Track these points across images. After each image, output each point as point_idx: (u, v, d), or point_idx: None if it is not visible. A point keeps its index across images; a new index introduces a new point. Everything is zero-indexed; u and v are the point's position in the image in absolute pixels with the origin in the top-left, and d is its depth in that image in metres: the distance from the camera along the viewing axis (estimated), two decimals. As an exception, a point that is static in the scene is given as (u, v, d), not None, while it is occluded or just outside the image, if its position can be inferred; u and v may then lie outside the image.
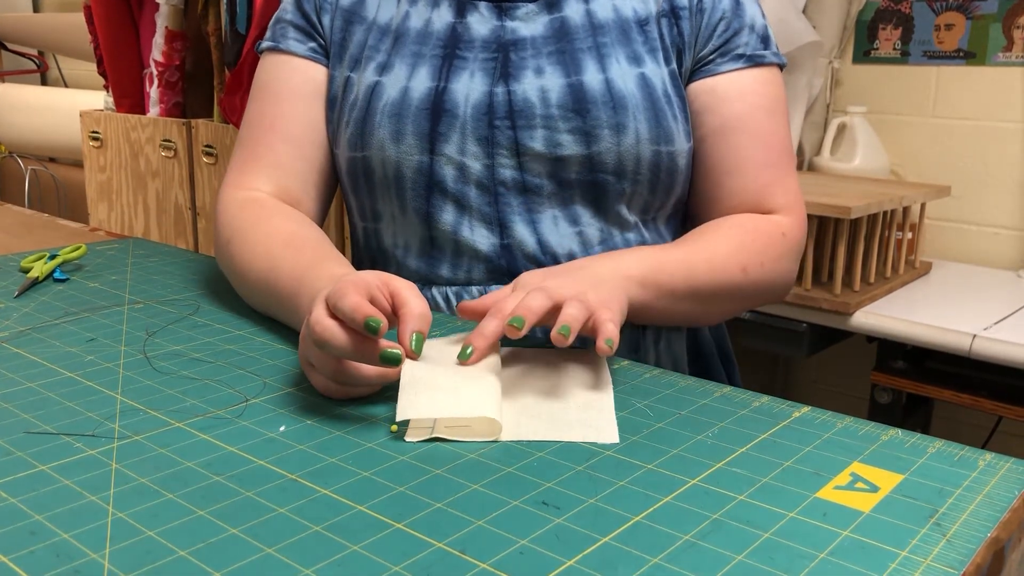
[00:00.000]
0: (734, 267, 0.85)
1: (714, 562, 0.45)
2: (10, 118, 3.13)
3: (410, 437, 0.59)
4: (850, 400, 2.08)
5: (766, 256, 0.87)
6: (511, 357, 0.73)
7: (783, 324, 1.59)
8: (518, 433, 0.60)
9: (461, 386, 0.62)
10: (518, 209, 0.88)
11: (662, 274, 0.80)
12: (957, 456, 0.57)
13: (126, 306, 0.87)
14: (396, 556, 0.46)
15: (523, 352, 0.74)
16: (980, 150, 1.87)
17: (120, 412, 0.62)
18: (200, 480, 0.53)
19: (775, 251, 0.88)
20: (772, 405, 0.65)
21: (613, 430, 0.60)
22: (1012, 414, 1.43)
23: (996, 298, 1.61)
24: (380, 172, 0.89)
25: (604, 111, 0.85)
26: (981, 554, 0.46)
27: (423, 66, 0.89)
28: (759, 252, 0.86)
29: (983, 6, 1.83)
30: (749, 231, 0.87)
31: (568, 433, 0.60)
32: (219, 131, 1.89)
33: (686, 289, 0.82)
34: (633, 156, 0.86)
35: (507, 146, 0.86)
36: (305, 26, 0.95)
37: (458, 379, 0.62)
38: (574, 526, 0.49)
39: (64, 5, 3.55)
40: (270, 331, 0.80)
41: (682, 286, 0.82)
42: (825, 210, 1.49)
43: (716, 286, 0.84)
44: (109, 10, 2.00)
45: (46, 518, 0.49)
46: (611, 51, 0.87)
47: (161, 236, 2.05)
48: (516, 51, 0.88)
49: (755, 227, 0.88)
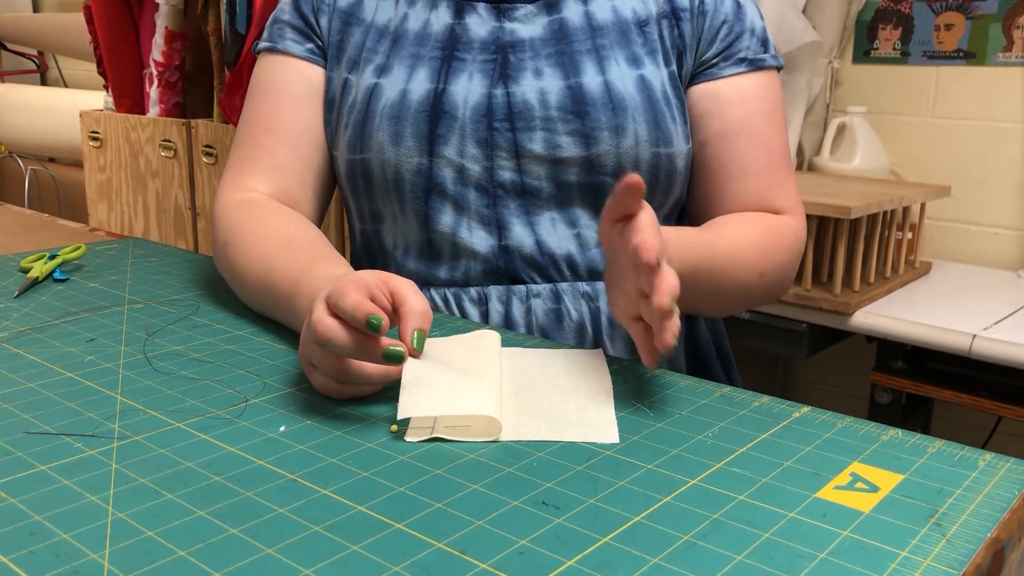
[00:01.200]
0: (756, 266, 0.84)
1: (714, 562, 0.45)
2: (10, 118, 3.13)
3: (410, 437, 0.59)
4: (850, 400, 2.08)
5: (781, 259, 0.88)
6: (511, 357, 0.73)
7: (783, 324, 1.59)
8: (518, 433, 0.60)
9: (462, 385, 0.62)
10: (516, 211, 0.88)
11: (689, 253, 0.77)
12: (957, 456, 0.57)
13: (126, 306, 0.87)
14: (396, 556, 0.46)
15: (523, 352, 0.74)
16: (980, 150, 1.87)
17: (120, 412, 0.62)
18: (200, 480, 0.53)
19: (788, 253, 0.89)
20: (772, 405, 0.65)
21: (613, 430, 0.60)
22: (1012, 414, 1.43)
23: (996, 298, 1.61)
24: (379, 175, 0.89)
25: (603, 113, 0.85)
26: (981, 554, 0.46)
27: (422, 68, 0.89)
28: (775, 254, 0.87)
29: (983, 6, 1.82)
30: (768, 229, 0.88)
31: (568, 433, 0.60)
32: (219, 131, 1.89)
33: (719, 281, 0.81)
34: (632, 158, 0.86)
35: (506, 148, 0.86)
36: (302, 27, 0.95)
37: (459, 378, 0.62)
38: (574, 526, 0.49)
39: (64, 5, 3.55)
40: (270, 331, 0.80)
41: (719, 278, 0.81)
42: (825, 210, 1.49)
43: (736, 281, 0.84)
44: (109, 10, 2.00)
45: (46, 518, 0.49)
46: (610, 53, 0.87)
47: (161, 236, 2.05)
48: (515, 53, 0.88)
49: (773, 226, 0.88)
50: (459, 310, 0.89)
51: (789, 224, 0.90)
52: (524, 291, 0.88)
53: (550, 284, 0.88)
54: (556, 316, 0.88)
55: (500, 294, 0.88)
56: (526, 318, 0.88)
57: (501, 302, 0.88)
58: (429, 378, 0.62)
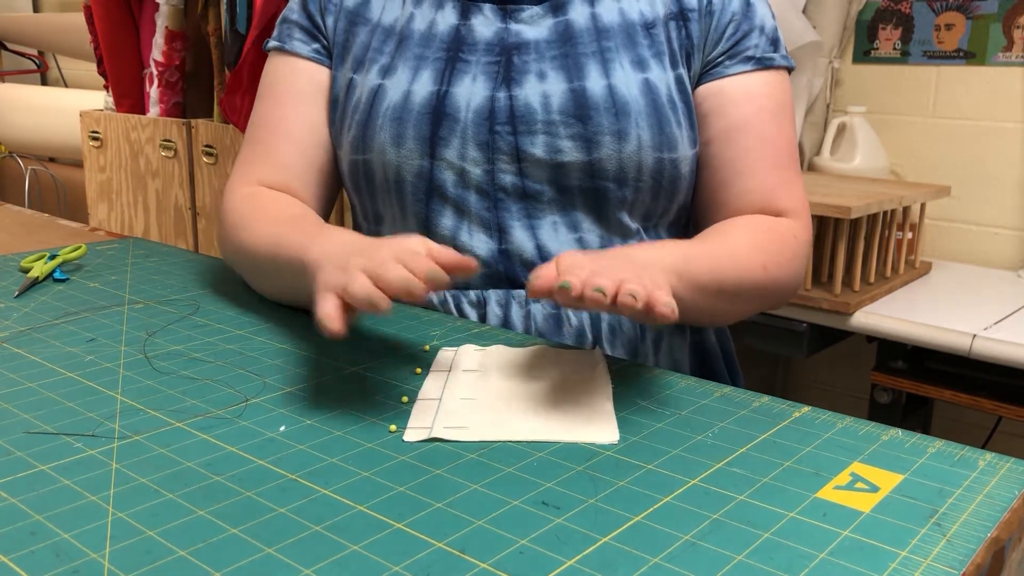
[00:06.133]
0: (756, 265, 0.82)
1: (714, 562, 0.45)
2: (10, 118, 3.13)
3: (409, 437, 0.59)
4: (850, 400, 2.08)
5: (783, 256, 0.85)
6: (510, 357, 0.73)
7: (783, 324, 1.59)
8: (518, 434, 0.60)
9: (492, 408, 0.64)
10: (517, 215, 0.87)
11: (693, 268, 0.77)
12: (957, 456, 0.57)
13: (126, 306, 0.87)
14: (396, 556, 0.46)
15: (522, 352, 0.74)
16: (980, 150, 1.87)
17: (120, 412, 0.62)
18: (200, 480, 0.53)
19: (789, 252, 0.86)
20: (772, 405, 0.65)
21: (613, 430, 0.60)
22: (1012, 414, 1.43)
23: (996, 298, 1.61)
24: (381, 176, 0.89)
25: (606, 117, 0.84)
26: (981, 554, 0.46)
27: (426, 69, 0.88)
28: (776, 252, 0.84)
29: (983, 6, 1.82)
30: (765, 231, 0.86)
31: (568, 434, 0.60)
32: (219, 131, 1.89)
33: (713, 284, 0.79)
34: (635, 163, 0.85)
35: (507, 151, 0.86)
36: (309, 27, 0.95)
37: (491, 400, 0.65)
38: (574, 526, 0.49)
39: (64, 5, 3.55)
40: (270, 331, 0.80)
41: (710, 281, 0.78)
42: (825, 210, 1.49)
43: (740, 282, 0.82)
44: (109, 10, 2.00)
45: (46, 518, 0.49)
46: (615, 56, 0.87)
47: (161, 236, 2.05)
48: (519, 54, 0.87)
49: (770, 227, 0.86)
50: (457, 311, 0.89)
51: (788, 225, 0.87)
52: (523, 295, 0.88)
53: None
54: (555, 321, 0.87)
55: (499, 298, 0.88)
56: (525, 322, 0.88)
57: (500, 305, 0.88)
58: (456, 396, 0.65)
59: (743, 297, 0.83)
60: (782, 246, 0.86)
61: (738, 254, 0.82)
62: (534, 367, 0.71)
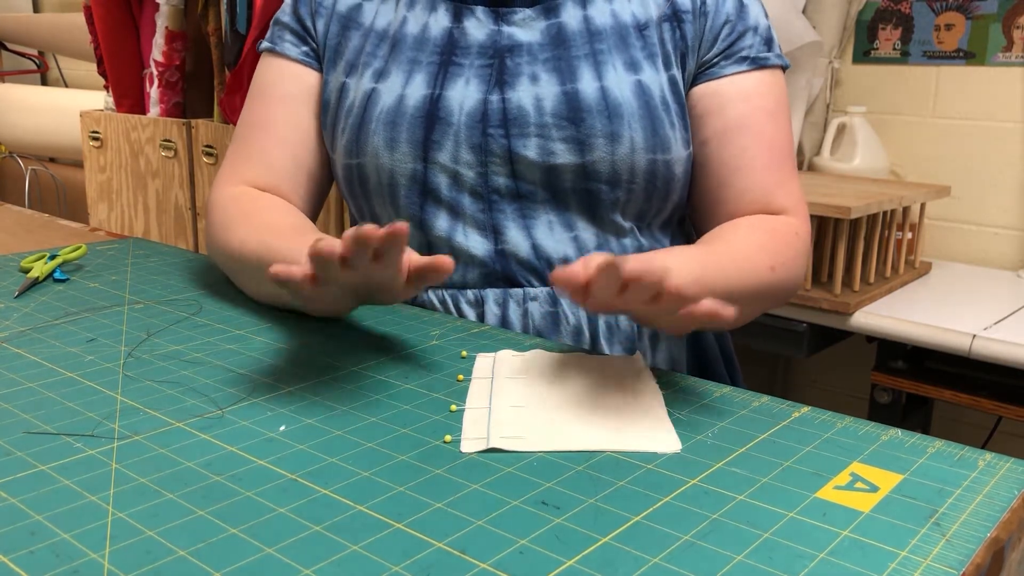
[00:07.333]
0: (764, 267, 0.82)
1: (714, 562, 0.45)
2: (10, 118, 3.13)
3: (466, 448, 0.58)
4: (850, 400, 2.08)
5: (787, 255, 0.85)
6: (551, 363, 0.71)
7: (783, 324, 1.59)
8: (576, 443, 0.59)
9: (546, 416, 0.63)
10: (512, 215, 0.87)
11: (709, 275, 0.76)
12: (957, 456, 0.57)
13: (126, 306, 0.87)
14: (396, 556, 0.46)
15: (563, 358, 0.72)
16: (980, 150, 1.87)
17: (120, 412, 0.62)
18: (200, 480, 0.53)
19: (792, 250, 0.86)
20: (772, 405, 0.65)
21: (675, 439, 0.59)
22: (1012, 414, 1.43)
23: (996, 298, 1.61)
24: (375, 179, 0.89)
25: (599, 120, 0.84)
26: (981, 554, 0.46)
27: (419, 73, 0.89)
28: (782, 252, 0.84)
29: (983, 6, 1.83)
30: (769, 231, 0.85)
31: (628, 443, 0.59)
32: (219, 131, 1.89)
33: (728, 290, 0.78)
34: (627, 165, 0.85)
35: (500, 154, 0.86)
36: (299, 30, 0.96)
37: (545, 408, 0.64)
38: (574, 526, 0.49)
39: (64, 5, 3.55)
40: (270, 331, 0.80)
41: (724, 287, 0.78)
42: (825, 210, 1.49)
43: (751, 286, 0.81)
44: (109, 10, 2.00)
45: (46, 518, 0.49)
46: (608, 58, 0.87)
47: (161, 236, 2.05)
48: (512, 57, 0.88)
49: (773, 227, 0.86)
50: (456, 310, 0.89)
51: (790, 223, 0.88)
52: (521, 294, 0.88)
53: (547, 287, 0.88)
54: (553, 319, 0.88)
55: (497, 297, 0.88)
56: (523, 321, 0.88)
57: (498, 304, 0.88)
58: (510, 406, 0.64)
59: (754, 299, 0.83)
60: (786, 246, 0.85)
61: (747, 258, 0.82)
62: (579, 374, 0.69)
